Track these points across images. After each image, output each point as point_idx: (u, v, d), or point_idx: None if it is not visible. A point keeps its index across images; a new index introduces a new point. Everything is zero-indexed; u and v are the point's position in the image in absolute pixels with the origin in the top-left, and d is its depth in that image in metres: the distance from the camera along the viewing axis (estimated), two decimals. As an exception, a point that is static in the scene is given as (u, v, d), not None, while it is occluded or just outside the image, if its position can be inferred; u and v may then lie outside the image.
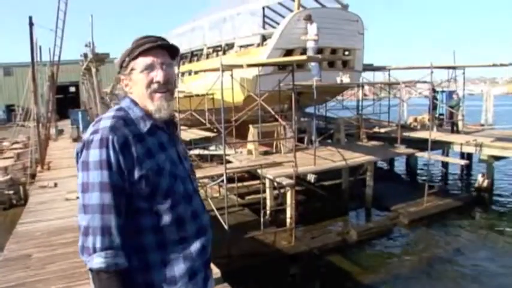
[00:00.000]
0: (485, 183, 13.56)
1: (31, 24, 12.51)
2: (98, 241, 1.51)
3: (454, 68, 15.95)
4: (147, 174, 1.59)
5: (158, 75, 1.66)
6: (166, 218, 1.64)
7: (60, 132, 22.67)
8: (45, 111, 19.40)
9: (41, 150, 13.55)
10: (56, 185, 10.04)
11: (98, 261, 1.50)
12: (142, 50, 1.66)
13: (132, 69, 1.69)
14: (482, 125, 18.43)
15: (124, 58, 1.71)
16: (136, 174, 1.57)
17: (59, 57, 15.34)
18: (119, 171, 1.54)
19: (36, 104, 14.40)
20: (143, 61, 1.67)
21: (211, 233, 1.83)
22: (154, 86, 1.67)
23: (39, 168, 12.77)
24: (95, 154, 1.53)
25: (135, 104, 1.71)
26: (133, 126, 1.63)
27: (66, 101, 38.60)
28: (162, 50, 1.71)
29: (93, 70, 16.82)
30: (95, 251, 1.51)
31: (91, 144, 1.55)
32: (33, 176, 12.89)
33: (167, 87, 1.69)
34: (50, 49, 16.65)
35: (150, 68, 1.67)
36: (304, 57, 10.33)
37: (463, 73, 16.35)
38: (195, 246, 1.71)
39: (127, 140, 1.57)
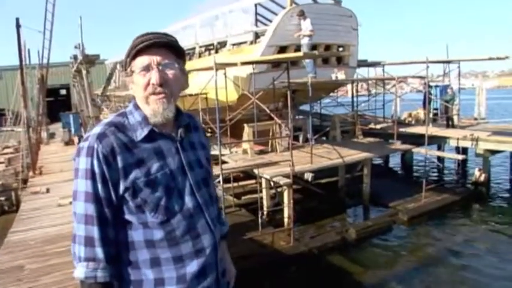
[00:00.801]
0: (482, 178, 13.48)
1: (18, 26, 12.27)
2: (81, 251, 1.50)
3: (449, 62, 15.85)
4: (134, 185, 1.48)
5: (152, 76, 1.51)
6: (157, 234, 1.51)
7: (51, 135, 22.38)
8: (35, 114, 19.12)
9: (32, 154, 13.33)
10: (48, 190, 9.84)
11: (79, 271, 1.49)
12: (138, 49, 1.52)
13: (131, 71, 1.55)
14: (476, 119, 18.40)
15: (126, 59, 1.57)
16: (122, 185, 1.47)
17: (48, 59, 15.14)
18: (103, 182, 1.47)
19: (25, 107, 14.17)
20: (140, 61, 1.53)
21: (215, 256, 1.65)
22: (150, 88, 1.52)
23: (30, 173, 12.55)
24: (82, 162, 1.49)
25: (137, 108, 1.59)
26: (125, 134, 1.53)
27: (57, 104, 38.27)
28: (163, 48, 1.55)
29: (84, 72, 16.56)
30: (80, 260, 1.50)
31: (81, 151, 1.50)
32: (25, 181, 12.67)
33: (164, 89, 1.53)
34: (38, 51, 16.40)
35: (146, 68, 1.52)
36: (300, 53, 10.18)
37: (458, 67, 16.26)
38: (191, 268, 1.56)
39: (113, 149, 1.47)
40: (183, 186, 1.59)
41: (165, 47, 1.56)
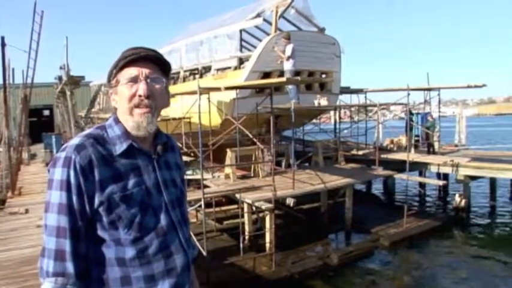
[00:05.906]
0: (462, 203, 13.65)
1: (3, 44, 12.21)
2: (50, 265, 1.43)
3: (429, 89, 16.23)
4: (110, 200, 1.45)
5: (140, 88, 1.51)
6: (130, 252, 1.48)
7: (32, 156, 22.08)
8: (17, 134, 18.89)
9: (12, 175, 13.11)
10: (27, 211, 9.65)
11: (46, 286, 1.42)
12: (127, 60, 1.53)
13: (117, 81, 1.56)
14: (456, 146, 18.74)
15: (112, 70, 1.57)
16: (97, 199, 1.44)
17: (32, 79, 15.03)
18: (78, 194, 1.43)
19: (7, 127, 14.01)
20: (128, 72, 1.53)
21: (187, 277, 1.64)
22: (136, 100, 1.52)
23: (9, 194, 12.33)
24: (58, 173, 1.44)
25: (117, 122, 1.58)
26: (104, 147, 1.50)
27: (39, 125, 37.83)
28: (151, 63, 1.57)
29: (68, 93, 16.56)
30: (47, 275, 1.43)
31: (57, 161, 1.46)
32: (3, 201, 12.42)
33: (150, 102, 1.53)
34: (23, 71, 16.34)
35: (134, 80, 1.52)
36: (283, 79, 10.31)
37: (438, 94, 16.65)
38: (163, 287, 1.54)
39: (91, 161, 1.44)
40: (158, 204, 1.57)
41: (154, 62, 1.58)
